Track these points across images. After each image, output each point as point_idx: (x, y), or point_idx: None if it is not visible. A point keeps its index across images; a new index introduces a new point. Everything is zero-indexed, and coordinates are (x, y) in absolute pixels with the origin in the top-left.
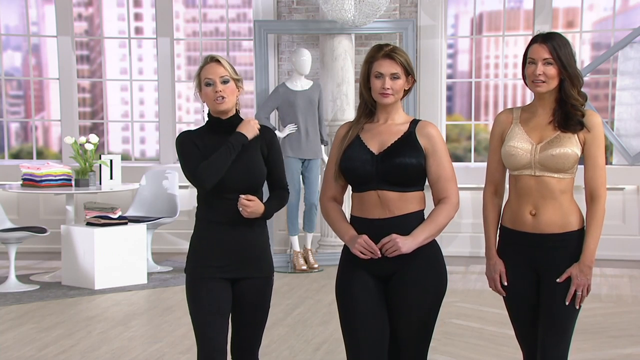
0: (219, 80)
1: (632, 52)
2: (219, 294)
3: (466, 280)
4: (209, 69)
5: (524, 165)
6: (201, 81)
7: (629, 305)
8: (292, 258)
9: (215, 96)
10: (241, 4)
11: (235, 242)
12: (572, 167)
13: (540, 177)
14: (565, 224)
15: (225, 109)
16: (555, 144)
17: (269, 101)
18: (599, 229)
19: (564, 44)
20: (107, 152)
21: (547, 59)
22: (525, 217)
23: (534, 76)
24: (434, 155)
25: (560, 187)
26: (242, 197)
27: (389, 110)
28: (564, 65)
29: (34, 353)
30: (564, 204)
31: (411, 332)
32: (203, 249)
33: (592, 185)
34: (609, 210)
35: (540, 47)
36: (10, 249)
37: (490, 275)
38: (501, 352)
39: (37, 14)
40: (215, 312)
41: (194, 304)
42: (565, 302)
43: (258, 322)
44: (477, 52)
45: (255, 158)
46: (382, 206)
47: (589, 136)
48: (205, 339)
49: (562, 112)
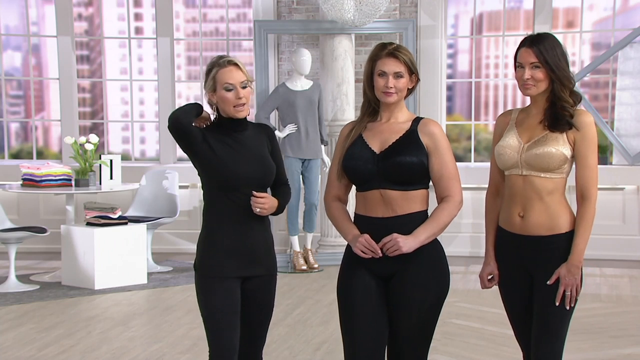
0: (240, 86)
1: (632, 52)
2: (233, 293)
3: (466, 280)
4: (228, 73)
5: (512, 164)
6: (217, 83)
7: (629, 305)
8: (292, 258)
9: (237, 102)
10: (241, 4)
11: (247, 239)
12: (560, 167)
13: (527, 176)
14: (553, 226)
15: (245, 115)
16: (540, 143)
17: (269, 101)
18: (588, 229)
19: (552, 46)
20: (107, 152)
21: (534, 63)
22: (514, 218)
23: (523, 80)
24: (436, 153)
25: (547, 188)
26: (256, 194)
27: (392, 108)
28: (552, 68)
29: (34, 353)
30: (552, 205)
31: (412, 332)
32: (216, 247)
33: (582, 185)
34: (609, 210)
35: (526, 52)
36: (10, 249)
37: (479, 275)
38: (501, 352)
39: (37, 14)
40: (229, 311)
41: (208, 303)
42: (556, 304)
43: (264, 321)
44: (477, 52)
45: (265, 153)
46: (385, 205)
47: (579, 135)
48: (220, 338)
49: (552, 111)
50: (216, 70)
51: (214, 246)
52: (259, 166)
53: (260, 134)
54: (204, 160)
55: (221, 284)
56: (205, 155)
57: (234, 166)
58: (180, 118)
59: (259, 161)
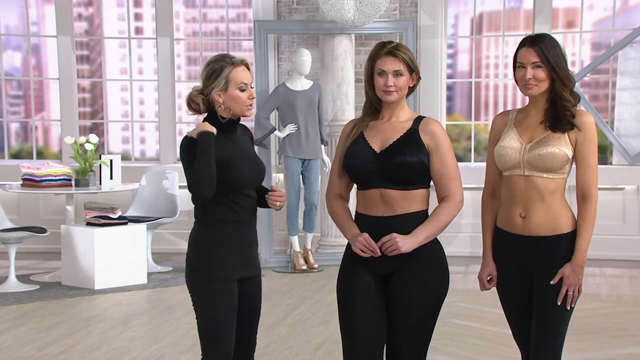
0: (250, 86)
1: (632, 52)
2: (233, 295)
3: (466, 280)
4: (242, 72)
5: (513, 165)
6: (230, 82)
7: (629, 305)
8: (292, 258)
9: (249, 102)
10: (241, 4)
11: (246, 239)
12: (562, 168)
13: (529, 177)
14: (555, 227)
15: (252, 114)
16: (543, 144)
17: (269, 101)
18: (590, 229)
19: (552, 45)
20: (107, 152)
21: (535, 62)
22: (515, 219)
23: (525, 80)
24: (437, 153)
25: (549, 188)
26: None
27: (394, 107)
28: (554, 67)
29: (34, 353)
30: (554, 205)
31: (411, 332)
32: (219, 249)
33: (584, 185)
34: (609, 210)
35: (528, 51)
36: (10, 249)
37: (479, 276)
38: (501, 352)
39: (37, 14)
40: (234, 315)
41: (210, 305)
42: (557, 303)
43: (256, 321)
44: (477, 52)
45: (255, 153)
46: (385, 204)
47: (580, 136)
48: (223, 343)
49: (553, 112)
50: (230, 70)
51: (215, 247)
52: (255, 166)
53: (245, 134)
54: None
55: (223, 285)
56: None
57: (235, 167)
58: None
59: (254, 161)
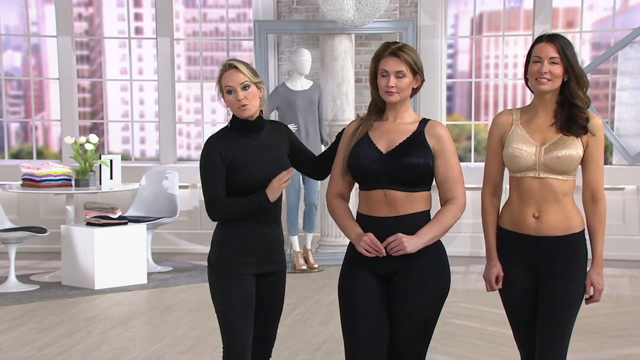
0: (239, 88)
1: (632, 52)
2: (249, 291)
3: (466, 280)
4: (228, 76)
5: (528, 167)
6: (222, 88)
7: (629, 305)
8: (292, 258)
9: (238, 104)
10: (241, 4)
11: (264, 237)
12: (575, 169)
13: (544, 179)
14: (568, 227)
15: (250, 115)
16: (560, 146)
17: (269, 101)
18: (604, 231)
19: (568, 44)
20: (107, 152)
21: (553, 58)
22: (528, 219)
23: (539, 74)
24: (442, 156)
25: (563, 189)
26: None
27: (398, 108)
28: (571, 64)
29: (34, 353)
30: (567, 206)
31: (411, 332)
32: (234, 245)
33: (595, 187)
34: (609, 210)
35: (548, 46)
36: (10, 249)
37: (486, 277)
38: (501, 352)
39: (37, 14)
40: (247, 309)
41: (225, 300)
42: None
43: (276, 317)
44: (477, 52)
45: (281, 154)
46: (389, 205)
47: (593, 139)
48: (236, 336)
49: (565, 114)
50: (220, 75)
51: (231, 244)
52: (276, 168)
53: (277, 132)
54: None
55: (239, 281)
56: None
57: (253, 171)
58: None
59: (275, 162)
